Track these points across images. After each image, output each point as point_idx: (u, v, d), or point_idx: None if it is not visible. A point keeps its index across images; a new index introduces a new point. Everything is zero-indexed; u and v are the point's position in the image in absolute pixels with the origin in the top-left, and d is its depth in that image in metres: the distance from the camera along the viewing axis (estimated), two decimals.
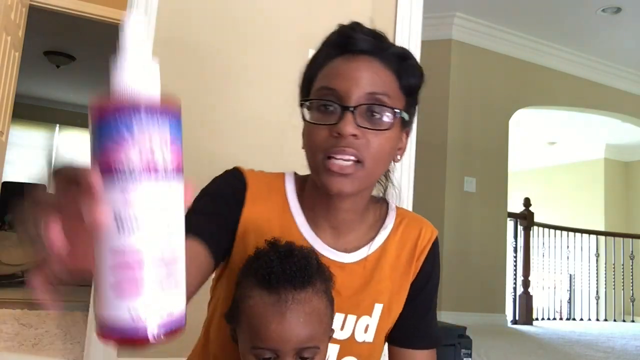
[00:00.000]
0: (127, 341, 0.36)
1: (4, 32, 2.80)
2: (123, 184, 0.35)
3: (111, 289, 0.36)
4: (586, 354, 3.38)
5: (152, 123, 0.36)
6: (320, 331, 0.71)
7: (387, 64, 0.79)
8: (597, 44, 4.97)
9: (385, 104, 0.77)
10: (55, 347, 2.39)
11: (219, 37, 2.12)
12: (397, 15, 2.37)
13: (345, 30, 0.82)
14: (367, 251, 0.86)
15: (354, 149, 0.74)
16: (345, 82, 0.76)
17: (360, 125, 0.75)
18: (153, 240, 0.36)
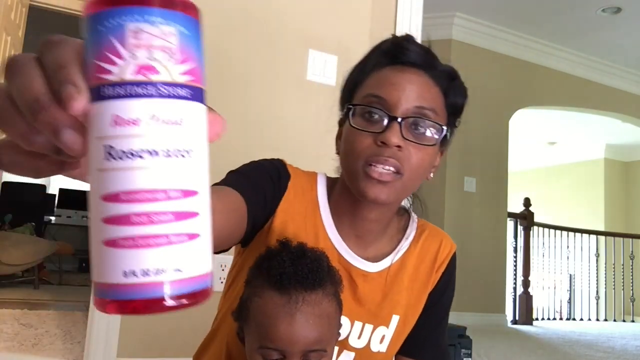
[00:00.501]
0: (135, 306, 0.28)
1: (4, 32, 2.80)
2: (115, 98, 0.27)
3: (107, 242, 0.28)
4: (586, 354, 3.38)
5: (157, 22, 0.28)
6: (328, 334, 0.71)
7: (436, 80, 0.80)
8: (597, 44, 4.97)
9: (432, 119, 0.77)
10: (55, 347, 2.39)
11: (218, 37, 2.12)
12: (397, 15, 2.37)
13: (399, 40, 0.82)
14: (390, 261, 0.86)
15: (395, 160, 0.74)
16: (395, 93, 0.76)
17: (405, 138, 0.75)
18: (158, 174, 0.28)
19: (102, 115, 0.27)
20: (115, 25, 0.27)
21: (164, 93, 0.28)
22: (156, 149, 0.27)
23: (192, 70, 0.29)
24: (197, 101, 0.29)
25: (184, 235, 0.28)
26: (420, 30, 2.40)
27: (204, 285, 0.30)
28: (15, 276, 4.67)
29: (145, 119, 0.27)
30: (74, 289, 4.69)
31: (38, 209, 6.13)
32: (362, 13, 2.33)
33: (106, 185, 0.28)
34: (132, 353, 2.00)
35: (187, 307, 0.29)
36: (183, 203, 0.28)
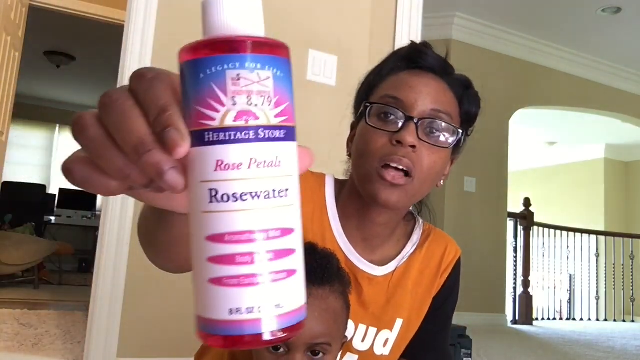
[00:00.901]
0: (238, 341, 0.29)
1: (4, 32, 2.80)
2: (217, 144, 0.28)
3: (212, 280, 0.29)
4: (586, 354, 3.38)
5: (254, 68, 0.29)
6: (334, 330, 0.70)
7: (452, 87, 0.82)
8: (597, 44, 4.97)
9: (448, 122, 0.78)
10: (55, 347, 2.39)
11: None
12: (397, 15, 2.37)
13: (418, 46, 0.84)
14: (396, 265, 0.86)
15: (409, 161, 0.74)
16: (412, 94, 0.77)
17: (420, 138, 0.75)
18: (259, 215, 0.29)
19: (206, 159, 0.29)
20: (216, 73, 0.28)
21: (263, 137, 0.29)
22: (257, 191, 0.29)
23: (285, 110, 0.30)
24: (290, 140, 0.30)
25: (284, 272, 0.30)
26: (420, 30, 2.40)
27: (300, 317, 0.31)
28: (15, 276, 4.67)
29: (246, 162, 0.28)
30: (74, 289, 4.69)
31: (38, 209, 6.13)
32: (362, 13, 2.33)
33: (211, 227, 0.29)
34: (132, 353, 2.00)
35: (285, 340, 0.31)
36: (282, 241, 0.30)
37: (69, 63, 5.83)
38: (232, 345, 0.29)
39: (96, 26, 4.02)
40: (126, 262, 1.99)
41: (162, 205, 0.37)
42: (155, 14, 2.06)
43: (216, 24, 0.30)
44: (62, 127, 7.52)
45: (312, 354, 0.69)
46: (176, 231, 0.43)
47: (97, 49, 5.35)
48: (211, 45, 0.29)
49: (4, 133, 3.00)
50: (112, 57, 3.02)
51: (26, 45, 3.34)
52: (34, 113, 7.20)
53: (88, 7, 3.64)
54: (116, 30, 3.12)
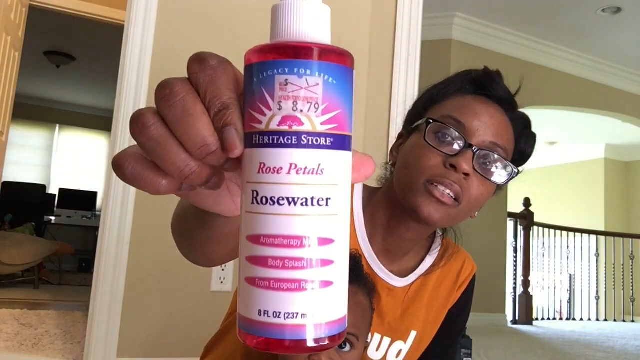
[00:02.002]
0: (264, 344, 0.30)
1: (4, 32, 2.80)
2: (261, 147, 0.29)
3: (247, 279, 0.30)
4: (586, 354, 3.38)
5: (303, 74, 0.29)
6: (362, 324, 0.71)
7: (513, 123, 0.81)
8: (597, 44, 4.97)
9: (504, 158, 0.77)
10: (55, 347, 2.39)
11: (218, 37, 2.12)
12: (397, 15, 2.37)
13: (492, 74, 0.83)
14: (414, 278, 0.86)
15: (459, 187, 0.74)
16: (476, 122, 0.76)
17: (474, 168, 0.75)
18: (295, 221, 0.29)
19: (252, 161, 0.30)
20: (267, 77, 0.29)
21: (306, 143, 0.29)
22: (295, 197, 0.29)
23: (335, 118, 0.30)
24: (339, 149, 0.30)
25: (317, 282, 0.30)
26: (420, 30, 2.40)
27: (337, 330, 0.31)
28: (15, 276, 4.66)
29: (286, 167, 0.29)
30: (74, 289, 4.69)
31: (38, 209, 6.13)
32: (362, 13, 2.33)
33: (250, 227, 0.30)
34: (132, 353, 2.00)
35: (318, 350, 0.31)
36: (318, 251, 0.30)
37: (69, 63, 5.83)
38: (262, 347, 0.30)
39: (96, 26, 4.02)
40: (126, 262, 1.99)
41: (209, 207, 0.37)
42: (155, 14, 2.06)
43: (277, 30, 0.31)
44: (62, 127, 7.52)
45: (339, 347, 0.69)
46: (217, 231, 0.43)
47: (97, 49, 5.35)
48: (264, 51, 0.30)
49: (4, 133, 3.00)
50: (112, 57, 3.02)
51: (26, 45, 3.34)
52: (34, 113, 7.20)
53: (88, 7, 3.64)
54: (116, 30, 3.12)
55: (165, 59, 2.07)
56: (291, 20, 0.30)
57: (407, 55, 2.37)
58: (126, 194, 2.00)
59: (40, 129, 7.39)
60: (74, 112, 7.56)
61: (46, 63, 5.84)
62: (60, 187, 6.95)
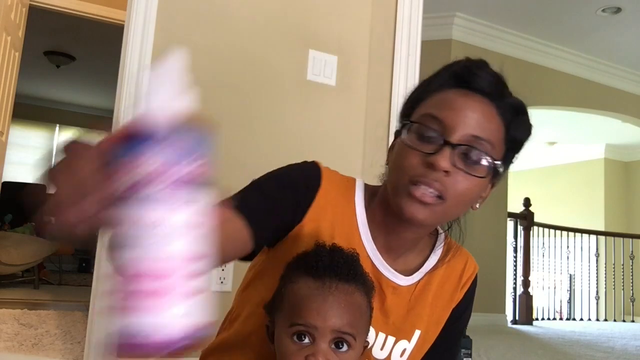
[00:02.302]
0: (146, 354, 0.38)
1: (4, 32, 2.80)
2: (127, 205, 0.38)
3: (126, 302, 0.39)
4: (586, 354, 3.38)
5: (140, 151, 0.38)
6: (359, 324, 0.71)
7: (501, 112, 0.78)
8: (597, 44, 4.96)
9: (486, 152, 0.75)
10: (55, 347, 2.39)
11: (218, 37, 2.12)
12: (397, 15, 2.37)
13: (471, 65, 0.80)
14: (419, 276, 0.86)
15: (440, 185, 0.73)
16: (455, 117, 0.75)
17: (455, 164, 0.73)
18: (174, 251, 0.38)
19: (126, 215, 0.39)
20: (119, 155, 0.39)
21: (160, 197, 0.37)
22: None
23: (193, 170, 0.39)
24: (199, 191, 0.39)
25: (187, 293, 0.39)
26: (420, 30, 2.40)
27: (197, 335, 0.39)
28: (15, 276, 4.66)
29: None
30: (74, 289, 4.69)
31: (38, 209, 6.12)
32: (362, 13, 2.33)
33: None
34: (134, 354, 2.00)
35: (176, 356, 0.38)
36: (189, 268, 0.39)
37: (69, 63, 5.83)
38: (136, 354, 0.37)
39: (96, 26, 4.02)
40: None
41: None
42: (155, 14, 2.05)
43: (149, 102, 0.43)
44: (62, 127, 7.52)
45: (336, 347, 0.69)
46: None
47: (97, 49, 5.35)
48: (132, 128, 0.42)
49: (4, 133, 3.00)
50: (112, 57, 3.02)
51: (26, 45, 3.34)
52: (34, 113, 7.20)
53: (88, 7, 3.64)
54: (116, 30, 3.12)
55: None
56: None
57: (407, 55, 2.37)
58: None
59: (40, 129, 7.39)
60: (74, 112, 7.56)
61: (46, 63, 5.84)
62: None
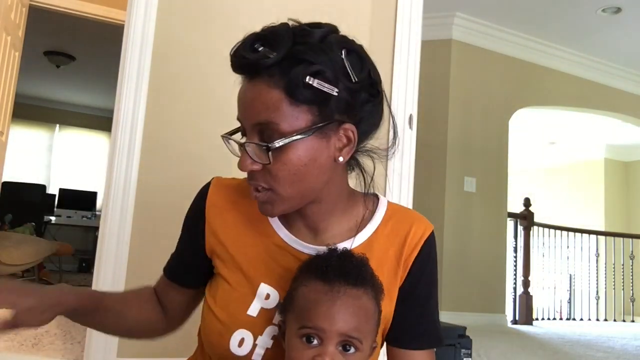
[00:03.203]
0: None
1: (4, 32, 2.80)
2: None
3: None
4: (586, 354, 3.38)
5: None
6: (367, 328, 0.73)
7: (273, 82, 0.73)
8: (597, 44, 4.97)
9: (274, 131, 0.72)
10: (55, 347, 2.39)
11: (218, 37, 2.12)
12: (397, 15, 2.37)
13: (234, 51, 0.81)
14: (350, 244, 0.83)
15: (259, 181, 0.76)
16: (239, 114, 0.78)
17: (256, 160, 0.74)
18: None
19: None
20: None
21: None
22: None
23: None
24: None
25: None
26: (420, 30, 2.40)
27: None
28: (15, 276, 4.66)
29: None
30: None
31: (38, 209, 6.13)
32: (362, 13, 2.33)
33: None
34: (132, 353, 2.00)
35: None
36: None
37: (69, 63, 5.83)
38: None
39: (96, 26, 4.02)
40: (126, 262, 1.99)
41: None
42: (155, 14, 2.05)
43: None
44: (62, 127, 7.52)
45: (343, 349, 0.71)
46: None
47: (97, 49, 5.34)
48: None
49: (4, 133, 3.00)
50: (112, 57, 3.02)
51: (26, 45, 3.34)
52: (34, 113, 7.20)
53: (88, 7, 3.64)
54: (116, 30, 3.12)
55: (165, 59, 2.07)
56: None
57: (407, 55, 2.37)
58: (126, 194, 2.00)
59: (40, 129, 7.39)
60: (74, 112, 7.56)
61: (46, 63, 5.84)
62: (60, 187, 6.95)
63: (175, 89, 2.08)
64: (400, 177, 2.24)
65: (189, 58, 2.10)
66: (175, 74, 2.08)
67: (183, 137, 2.07)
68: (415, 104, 2.38)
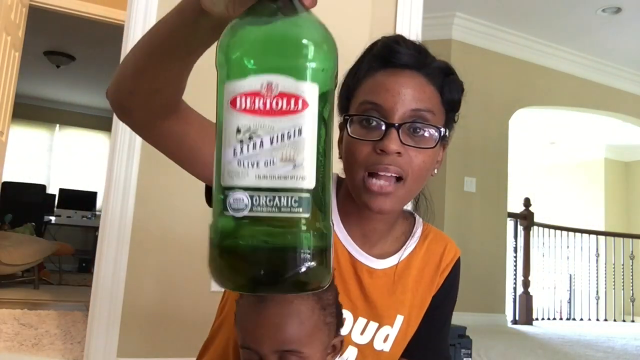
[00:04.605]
0: None
1: (4, 32, 2.80)
2: None
3: None
4: (586, 354, 3.38)
5: None
6: (301, 335, 0.68)
7: (431, 79, 0.79)
8: (597, 44, 4.96)
9: (430, 122, 0.77)
10: (55, 347, 2.39)
11: None
12: (397, 15, 2.37)
13: (390, 43, 0.81)
14: (397, 259, 0.86)
15: (397, 167, 0.74)
16: (390, 98, 0.76)
17: (404, 143, 0.74)
18: None
19: None
20: None
21: None
22: None
23: None
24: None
25: None
26: (420, 30, 2.40)
27: None
28: (15, 276, 4.66)
29: None
30: (74, 289, 4.69)
31: (38, 209, 6.13)
32: (362, 13, 2.33)
33: None
34: (132, 353, 2.00)
35: None
36: None
37: (69, 63, 5.83)
38: None
39: (96, 26, 4.02)
40: (126, 263, 1.99)
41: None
42: (155, 14, 2.05)
43: None
44: (62, 127, 7.52)
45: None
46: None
47: (97, 49, 5.34)
48: None
49: (4, 133, 3.00)
50: (112, 57, 3.02)
51: (26, 45, 3.34)
52: (34, 113, 7.20)
53: (88, 7, 3.64)
54: (116, 30, 3.12)
55: None
56: None
57: None
58: (126, 194, 2.00)
59: (40, 129, 7.39)
60: (74, 112, 7.56)
61: (46, 63, 5.84)
62: (60, 187, 6.95)
63: None
64: None
65: None
66: None
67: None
68: None
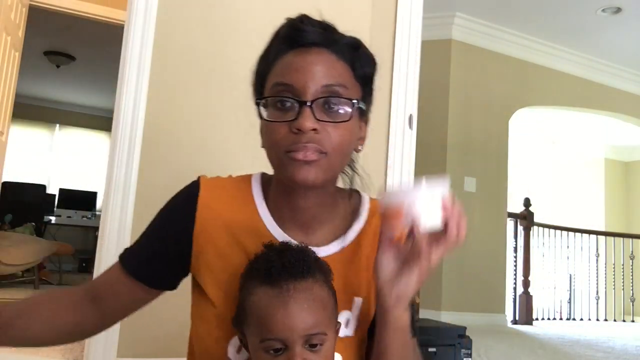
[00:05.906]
0: None
1: (4, 32, 2.80)
2: None
3: None
4: (586, 354, 3.38)
5: None
6: (325, 317, 0.72)
7: (340, 55, 0.79)
8: (597, 44, 4.97)
9: (342, 96, 0.76)
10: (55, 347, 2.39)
11: (218, 38, 2.12)
12: (397, 15, 2.37)
13: (295, 23, 0.81)
14: (341, 244, 0.84)
15: (315, 144, 0.74)
16: (301, 77, 0.76)
17: (319, 119, 0.74)
18: None
19: None
20: None
21: None
22: None
23: None
24: None
25: None
26: (420, 30, 2.40)
27: None
28: (15, 276, 4.66)
29: None
30: None
31: (38, 209, 6.13)
32: (362, 13, 2.33)
33: None
34: (132, 353, 2.00)
35: None
36: None
37: (69, 63, 5.83)
38: None
39: (96, 26, 4.02)
40: None
41: None
42: (155, 14, 2.05)
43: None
44: (62, 127, 7.52)
45: (310, 347, 0.70)
46: None
47: (97, 49, 5.34)
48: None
49: (4, 133, 3.00)
50: (112, 57, 3.02)
51: (26, 45, 3.34)
52: (34, 113, 7.20)
53: (88, 7, 3.64)
54: (116, 30, 3.12)
55: (165, 58, 2.07)
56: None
57: (407, 55, 2.37)
58: (126, 194, 2.00)
59: (40, 129, 7.39)
60: (74, 112, 7.56)
61: (46, 63, 5.84)
62: (60, 187, 6.95)
63: (175, 89, 2.08)
64: (400, 177, 2.24)
65: (189, 58, 2.10)
66: (175, 74, 2.08)
67: (183, 136, 2.07)
68: (415, 104, 2.38)
